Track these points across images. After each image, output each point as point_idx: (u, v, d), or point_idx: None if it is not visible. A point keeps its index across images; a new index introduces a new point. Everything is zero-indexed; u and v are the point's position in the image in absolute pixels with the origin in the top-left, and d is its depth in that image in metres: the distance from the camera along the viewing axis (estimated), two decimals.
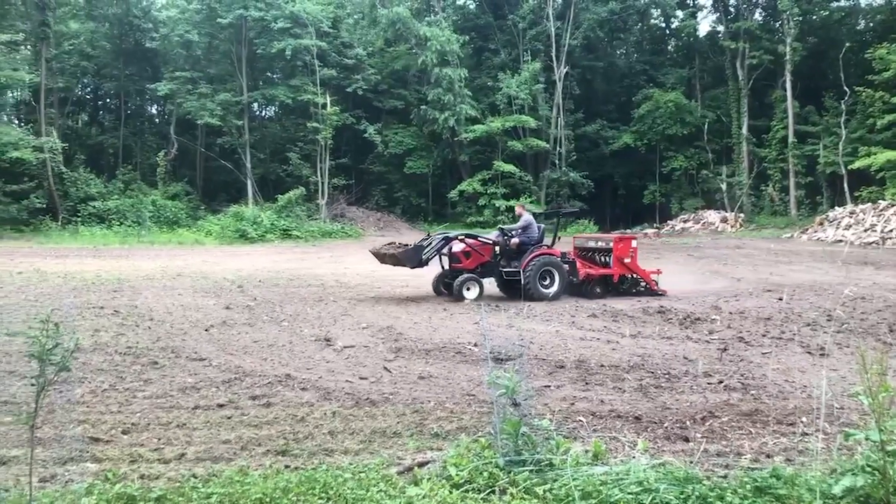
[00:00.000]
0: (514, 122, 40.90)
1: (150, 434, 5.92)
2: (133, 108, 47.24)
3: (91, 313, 12.01)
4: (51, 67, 37.86)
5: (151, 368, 8.29)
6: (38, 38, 36.70)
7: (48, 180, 35.06)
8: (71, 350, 3.57)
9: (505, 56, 45.12)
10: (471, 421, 6.40)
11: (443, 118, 40.34)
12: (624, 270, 15.81)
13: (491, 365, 6.09)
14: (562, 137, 42.79)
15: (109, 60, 43.94)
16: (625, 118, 45.82)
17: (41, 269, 18.80)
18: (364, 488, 4.67)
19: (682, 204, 44.03)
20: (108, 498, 4.38)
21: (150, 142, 45.02)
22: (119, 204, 36.34)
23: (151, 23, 42.18)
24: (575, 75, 45.04)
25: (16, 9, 36.48)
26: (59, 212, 35.07)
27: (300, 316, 12.58)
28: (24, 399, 6.44)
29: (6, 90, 36.90)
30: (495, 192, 40.78)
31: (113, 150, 44.26)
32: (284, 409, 6.75)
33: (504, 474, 4.87)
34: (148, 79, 42.76)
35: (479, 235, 16.08)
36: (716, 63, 46.58)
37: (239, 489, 4.60)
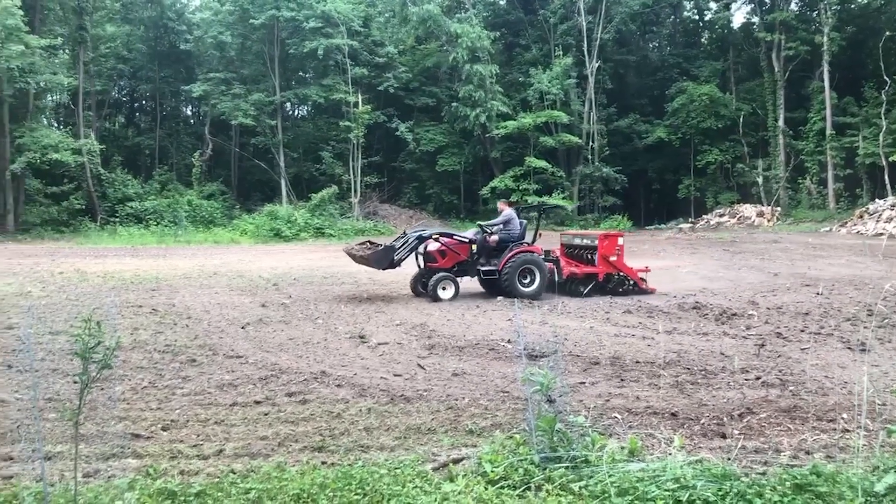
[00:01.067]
0: (546, 118, 40.70)
1: (189, 430, 6.02)
2: (168, 110, 47.93)
3: (130, 312, 12.23)
4: (88, 71, 38.57)
5: (189, 366, 8.42)
6: (75, 43, 37.40)
7: (87, 182, 35.74)
8: (112, 348, 3.64)
9: (536, 51, 44.89)
10: (505, 418, 6.40)
11: (474, 115, 40.29)
12: (609, 269, 15.22)
13: (525, 362, 6.09)
14: (594, 132, 42.48)
15: (145, 63, 44.63)
16: (658, 112, 45.34)
17: (81, 269, 19.16)
18: (400, 484, 4.70)
19: (718, 198, 43.48)
20: (149, 493, 4.47)
21: (185, 142, 45.64)
22: (156, 204, 36.90)
23: (185, 25, 42.75)
24: (607, 69, 44.69)
25: (54, 14, 37.21)
26: (97, 212, 35.72)
27: (334, 313, 12.66)
28: (68, 396, 6.59)
29: (46, 94, 37.67)
30: (527, 188, 40.63)
31: (149, 151, 44.95)
32: (320, 405, 6.81)
33: (539, 471, 4.87)
34: (182, 80, 43.34)
35: (455, 233, 15.72)
36: (751, 55, 45.88)
37: (277, 485, 4.66)
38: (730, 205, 42.38)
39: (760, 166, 42.75)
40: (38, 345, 8.72)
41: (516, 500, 4.54)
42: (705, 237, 33.76)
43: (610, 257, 15.18)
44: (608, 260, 15.17)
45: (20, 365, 8.17)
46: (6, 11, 28.48)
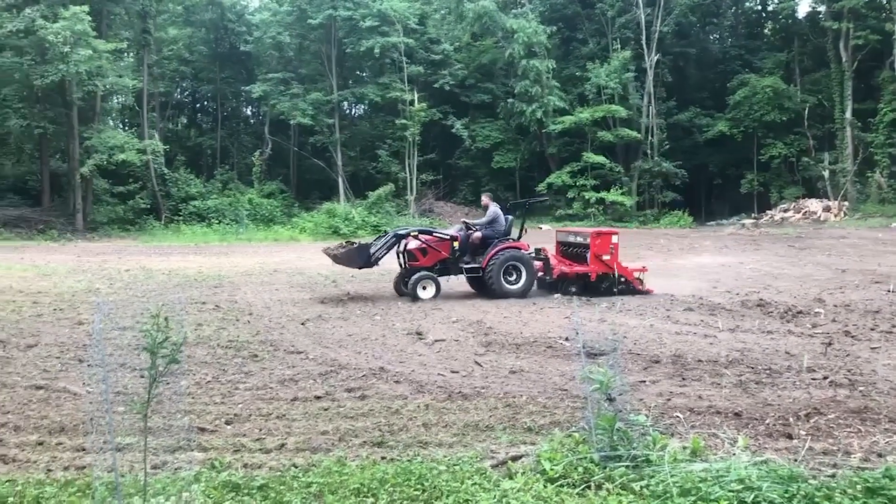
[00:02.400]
0: (604, 113, 40.19)
1: (252, 424, 6.14)
2: (229, 110, 48.88)
3: (194, 308, 12.52)
4: (152, 73, 39.61)
5: (252, 361, 8.59)
6: (140, 46, 38.45)
7: (151, 181, 36.73)
8: (179, 343, 3.74)
9: (593, 45, 44.37)
10: (564, 416, 6.36)
11: (530, 110, 40.05)
12: (602, 268, 14.57)
13: (584, 360, 6.03)
14: (653, 127, 41.78)
15: (206, 64, 45.60)
16: (719, 105, 44.31)
17: (147, 267, 19.70)
18: (459, 481, 4.71)
19: (782, 193, 42.27)
20: (214, 485, 4.57)
21: (245, 142, 46.51)
22: (217, 203, 37.68)
23: (245, 26, 43.52)
24: (666, 63, 43.89)
25: (120, 18, 38.29)
26: (161, 211, 36.68)
27: (392, 310, 12.76)
28: (135, 389, 6.79)
29: (112, 96, 38.81)
30: (585, 184, 40.20)
31: (211, 151, 45.94)
32: (379, 401, 6.88)
33: (599, 469, 4.83)
34: (243, 81, 44.15)
35: (436, 230, 15.29)
36: (816, 45, 44.46)
37: (337, 479, 4.72)
38: (795, 199, 41.16)
39: (827, 160, 41.42)
40: (106, 340, 9.00)
41: (576, 499, 4.51)
42: (769, 233, 32.93)
43: (603, 256, 14.50)
44: (601, 259, 14.50)
45: (90, 359, 8.46)
46: (76, 17, 29.41)
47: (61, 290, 14.69)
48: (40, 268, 18.89)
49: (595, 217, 38.88)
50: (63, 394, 6.99)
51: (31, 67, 30.63)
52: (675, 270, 18.83)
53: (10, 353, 8.81)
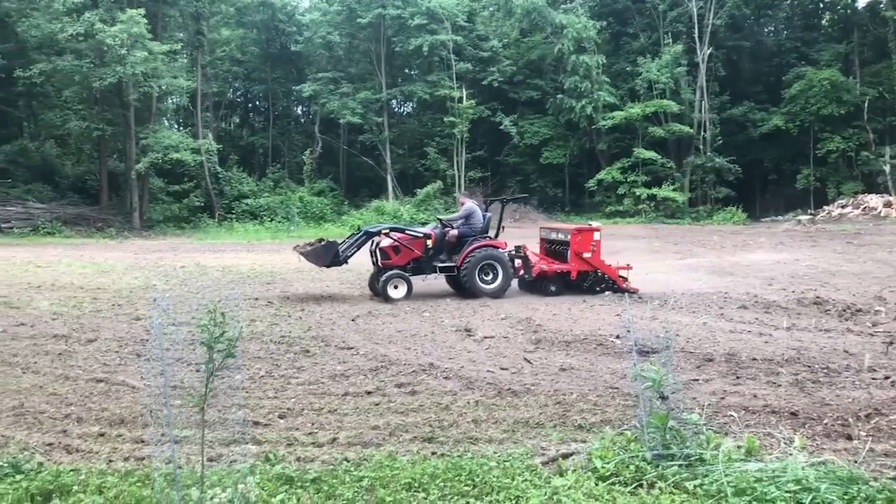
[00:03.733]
0: (655, 108, 39.62)
1: (305, 419, 6.23)
2: (280, 110, 49.49)
3: (247, 304, 12.74)
4: (205, 73, 40.35)
5: (303, 356, 8.71)
6: (194, 47, 39.20)
7: (205, 180, 37.44)
8: (235, 338, 3.81)
9: (644, 40, 43.74)
10: (615, 414, 6.31)
11: (580, 106, 39.70)
12: (583, 266, 14.16)
13: (636, 357, 5.96)
14: (706, 121, 40.99)
15: (258, 64, 46.25)
16: (774, 99, 43.24)
17: (201, 264, 20.08)
18: (509, 477, 4.71)
19: (840, 188, 41.06)
20: (268, 478, 4.66)
21: (296, 141, 47.06)
22: (269, 201, 38.22)
23: (295, 26, 44.03)
24: (719, 56, 43.04)
25: (174, 20, 39.09)
26: (215, 209, 37.37)
27: (440, 307, 12.80)
28: (191, 383, 6.93)
29: (167, 97, 39.65)
30: (636, 180, 39.69)
31: (263, 149, 46.61)
32: (429, 397, 6.91)
33: (652, 468, 4.78)
34: (293, 81, 44.67)
35: (408, 228, 14.84)
36: (877, 35, 43.05)
37: (389, 473, 4.76)
38: (853, 195, 39.94)
39: (888, 154, 40.10)
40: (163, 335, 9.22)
41: (628, 497, 4.47)
42: (826, 229, 32.09)
43: (584, 254, 14.09)
44: (581, 257, 14.12)
45: (148, 354, 8.67)
46: (132, 20, 30.13)
47: (119, 287, 15.09)
48: (99, 265, 19.42)
49: (646, 213, 38.40)
50: (122, 387, 7.19)
51: (90, 70, 31.48)
52: (729, 268, 18.49)
53: (72, 347, 9.08)
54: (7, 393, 6.84)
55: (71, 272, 17.58)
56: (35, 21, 32.25)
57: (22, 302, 12.63)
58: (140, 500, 4.28)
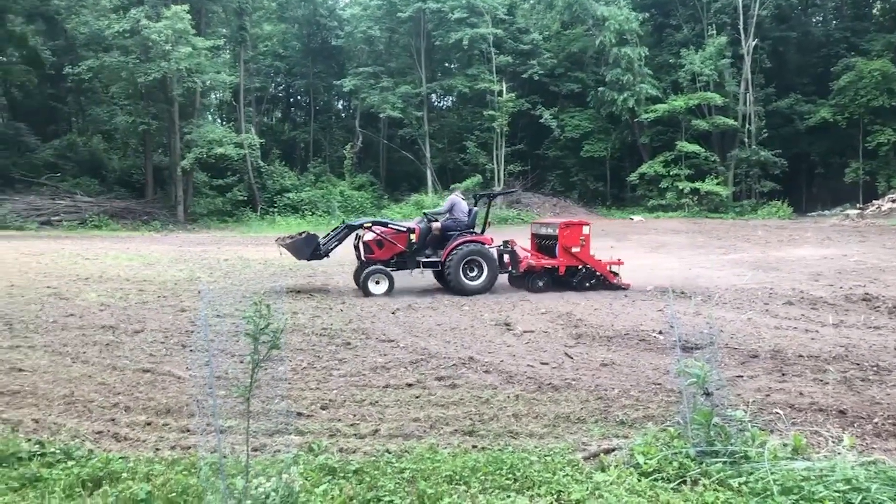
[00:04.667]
0: (699, 100, 39.04)
1: (346, 410, 6.28)
2: (321, 104, 49.89)
3: (289, 297, 12.89)
4: (248, 69, 40.83)
5: (345, 349, 8.77)
6: (236, 42, 39.67)
7: (248, 174, 37.94)
8: (279, 330, 3.85)
9: (687, 31, 43.08)
10: (657, 410, 6.24)
11: (621, 99, 39.30)
12: (572, 261, 13.84)
13: (679, 353, 5.89)
14: (751, 114, 40.27)
15: (299, 59, 46.68)
16: (822, 91, 42.26)
17: (244, 257, 20.34)
18: (550, 472, 4.69)
19: (890, 182, 39.97)
20: (311, 468, 4.70)
21: (337, 135, 47.44)
22: (311, 195, 38.59)
23: (336, 21, 44.33)
24: (765, 47, 42.22)
25: (217, 16, 39.64)
26: (258, 203, 37.84)
27: (480, 300, 12.79)
28: (234, 374, 7.04)
29: (210, 92, 40.24)
30: (678, 173, 39.17)
31: (304, 144, 47.06)
32: (469, 390, 6.91)
33: (695, 465, 4.72)
34: (334, 75, 44.99)
35: (391, 222, 14.62)
36: None
37: (430, 466, 4.77)
38: None
39: None
40: (208, 327, 9.37)
41: (671, 494, 4.42)
42: (876, 224, 31.32)
43: (572, 248, 13.78)
44: (570, 252, 13.80)
45: (193, 345, 8.83)
46: (177, 17, 30.64)
47: (164, 279, 15.37)
48: (145, 257, 19.80)
49: (689, 208, 37.88)
50: (168, 377, 7.32)
51: (136, 66, 32.10)
52: (774, 263, 18.15)
53: (120, 337, 9.27)
54: (58, 382, 7.01)
55: (118, 264, 17.95)
56: (83, 18, 32.99)
57: (71, 293, 12.94)
58: (186, 489, 4.35)
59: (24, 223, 30.53)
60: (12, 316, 10.44)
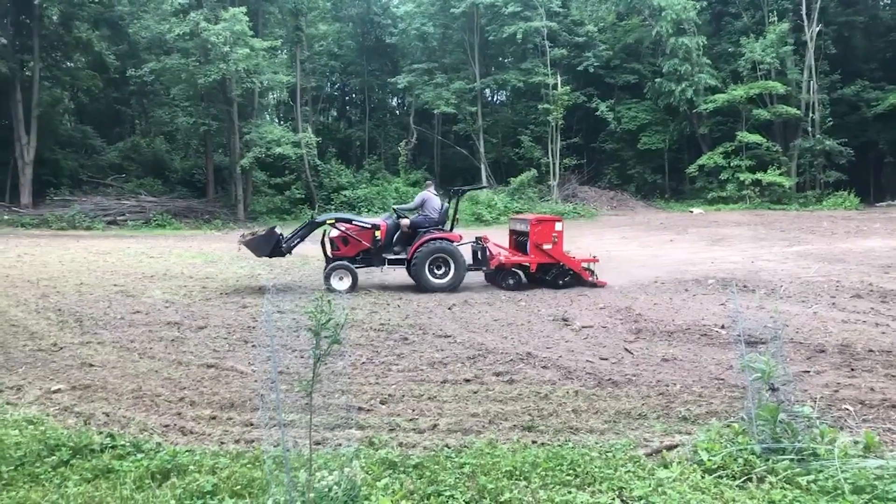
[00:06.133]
0: (760, 89, 38.01)
1: (405, 405, 6.32)
2: (376, 102, 50.20)
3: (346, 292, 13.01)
4: (304, 68, 41.32)
5: (402, 344, 8.83)
6: (293, 43, 40.18)
7: (305, 173, 38.45)
8: (341, 325, 3.89)
9: (748, 19, 41.97)
10: (721, 406, 6.13)
11: (679, 90, 38.53)
12: (544, 258, 13.42)
13: (743, 348, 5.76)
14: (815, 102, 39.04)
15: (354, 58, 47.07)
16: (890, 77, 40.69)
17: (302, 254, 20.55)
18: (612, 468, 4.65)
19: None
20: (372, 462, 4.75)
21: (391, 132, 47.66)
22: (366, 192, 38.87)
23: (390, 19, 44.55)
24: (829, 33, 40.84)
25: (274, 17, 40.22)
26: (315, 201, 38.29)
27: (537, 296, 12.74)
28: (295, 369, 7.15)
29: (268, 92, 40.86)
30: (739, 164, 38.21)
31: (359, 142, 47.44)
32: (527, 386, 6.89)
33: (761, 462, 4.62)
34: (388, 73, 45.21)
35: (355, 218, 14.30)
36: None
37: (489, 461, 4.77)
38: None
39: None
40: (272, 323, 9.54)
41: (736, 491, 4.34)
42: None
43: (544, 245, 13.36)
44: (541, 249, 13.39)
45: (255, 340, 9.00)
46: (235, 18, 31.16)
47: (226, 276, 15.71)
48: (207, 255, 20.24)
49: (750, 199, 36.96)
50: (231, 372, 7.47)
51: (196, 68, 32.78)
52: (841, 255, 17.59)
53: (184, 333, 9.51)
54: (127, 377, 7.22)
55: (181, 262, 18.40)
56: (145, 23, 33.86)
57: (137, 291, 13.32)
58: (251, 481, 4.45)
59: (92, 223, 31.56)
60: (82, 313, 10.80)
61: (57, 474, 4.68)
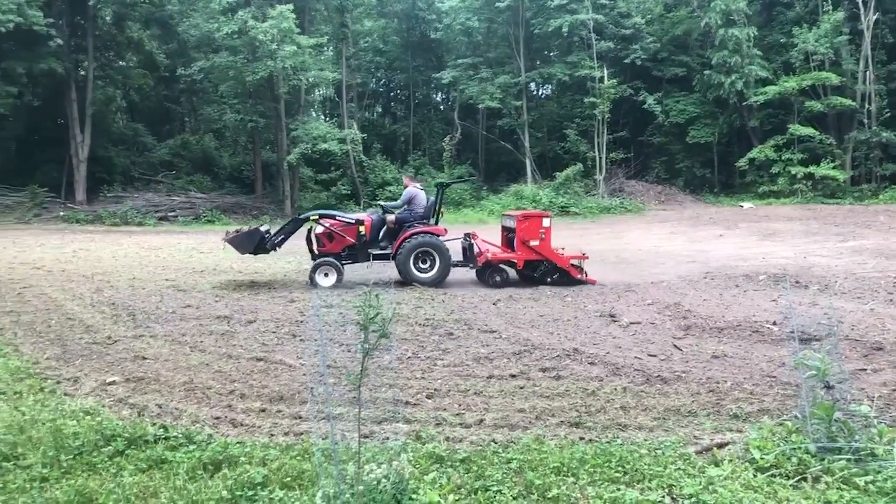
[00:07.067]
0: (813, 80, 37.05)
1: (451, 400, 6.33)
2: (420, 98, 50.30)
3: (391, 287, 13.08)
4: (349, 65, 41.60)
5: (448, 339, 8.83)
6: (338, 39, 40.49)
7: (351, 169, 38.75)
8: (389, 319, 3.91)
9: (800, 8, 40.95)
10: (773, 404, 6.01)
11: (729, 82, 37.79)
12: (530, 255, 13.16)
13: (796, 345, 5.63)
14: (871, 93, 37.91)
15: (399, 54, 47.24)
16: None
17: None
18: (661, 465, 4.59)
19: None
20: (419, 456, 4.77)
21: (436, 128, 47.70)
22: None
23: (435, 14, 44.55)
24: (887, 22, 39.58)
25: (320, 14, 40.59)
26: (360, 196, 38.57)
27: (583, 291, 12.64)
28: (342, 363, 7.22)
29: (314, 89, 41.23)
30: (791, 158, 37.32)
31: (404, 138, 47.60)
32: (574, 382, 6.84)
33: (816, 461, 4.52)
34: (433, 68, 45.26)
35: (339, 214, 14.18)
36: None
37: (537, 456, 4.76)
38: None
39: None
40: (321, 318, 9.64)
41: (790, 491, 4.25)
42: None
43: (531, 242, 13.11)
44: (528, 245, 13.14)
45: (302, 334, 9.10)
46: (282, 16, 31.54)
47: (274, 271, 15.93)
48: None
49: (803, 193, 36.11)
50: (280, 365, 7.57)
51: (244, 65, 33.27)
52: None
53: (234, 327, 9.66)
54: (178, 369, 7.37)
55: (230, 257, 18.64)
56: (194, 21, 34.46)
57: (188, 285, 13.58)
58: (301, 473, 4.50)
59: (144, 219, 32.29)
60: (135, 307, 11.05)
61: (113, 464, 4.80)
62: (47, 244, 22.00)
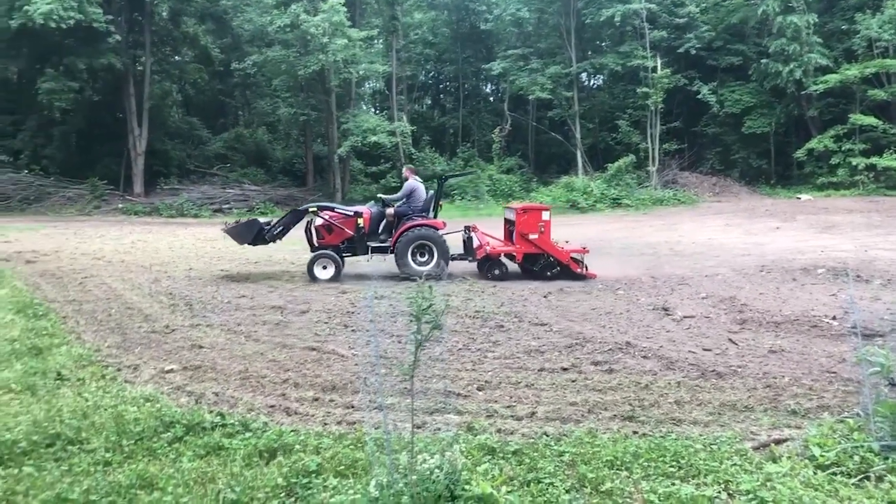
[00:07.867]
0: (876, 68, 35.86)
1: (502, 392, 6.32)
2: (470, 89, 50.23)
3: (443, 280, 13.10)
4: (399, 57, 41.76)
5: (498, 331, 8.83)
6: (388, 32, 40.67)
7: (400, 161, 38.89)
8: (441, 311, 3.92)
9: None
10: (833, 400, 5.86)
11: (787, 71, 36.81)
12: (530, 248, 12.91)
13: (858, 340, 5.48)
14: None
15: (448, 46, 47.24)
16: None
17: None
18: (717, 460, 4.53)
19: None
20: (471, 447, 4.78)
21: (485, 120, 47.60)
22: (459, 180, 39.03)
23: (485, 5, 44.42)
24: None
25: (371, 7, 40.81)
26: None
27: (635, 284, 12.49)
28: (393, 354, 7.27)
29: (364, 82, 41.49)
30: (852, 148, 36.22)
31: (453, 130, 47.62)
32: (627, 375, 6.77)
33: (880, 460, 4.40)
34: (482, 60, 45.13)
35: (338, 207, 14.04)
36: None
37: (589, 450, 4.73)
38: None
39: None
40: (368, 308, 9.71)
41: (852, 490, 4.14)
42: None
43: (530, 235, 12.86)
44: (527, 238, 12.89)
45: (354, 325, 9.19)
46: (333, 10, 31.80)
47: None
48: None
49: (864, 185, 35.04)
50: (332, 355, 7.65)
51: (296, 59, 33.68)
52: None
53: (288, 318, 9.80)
54: (234, 358, 7.51)
55: (282, 248, 18.92)
56: (248, 16, 35.03)
57: (242, 276, 13.83)
58: (354, 462, 4.55)
59: (199, 211, 32.99)
60: (192, 297, 11.29)
61: (172, 449, 4.92)
62: (107, 235, 22.64)
